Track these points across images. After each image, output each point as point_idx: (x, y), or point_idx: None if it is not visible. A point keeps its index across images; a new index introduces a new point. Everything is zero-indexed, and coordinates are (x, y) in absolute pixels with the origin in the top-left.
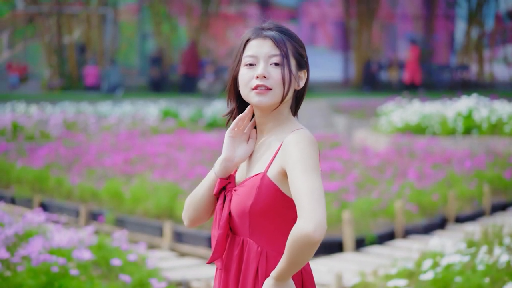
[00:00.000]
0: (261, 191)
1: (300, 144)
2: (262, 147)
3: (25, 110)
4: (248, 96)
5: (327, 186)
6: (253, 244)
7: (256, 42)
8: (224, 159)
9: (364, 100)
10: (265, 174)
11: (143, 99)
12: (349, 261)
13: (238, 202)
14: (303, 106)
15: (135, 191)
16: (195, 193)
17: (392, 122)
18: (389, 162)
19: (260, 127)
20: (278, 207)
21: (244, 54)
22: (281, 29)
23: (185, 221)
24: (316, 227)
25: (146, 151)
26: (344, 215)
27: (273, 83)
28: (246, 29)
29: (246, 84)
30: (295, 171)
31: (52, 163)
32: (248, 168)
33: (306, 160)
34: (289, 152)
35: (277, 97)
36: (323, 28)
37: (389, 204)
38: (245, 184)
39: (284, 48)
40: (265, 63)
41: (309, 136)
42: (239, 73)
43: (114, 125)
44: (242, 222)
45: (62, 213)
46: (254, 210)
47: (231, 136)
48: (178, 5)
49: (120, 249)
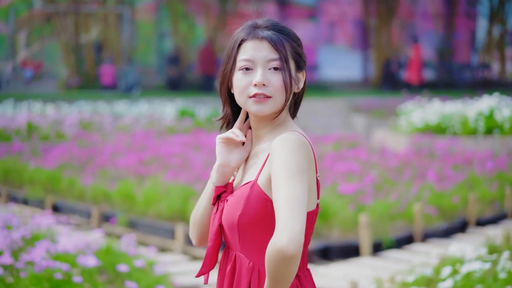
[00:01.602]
0: (250, 201)
1: (285, 147)
2: (256, 154)
3: (41, 110)
4: (246, 104)
5: (344, 188)
6: (245, 259)
7: (252, 44)
8: (219, 165)
9: (384, 99)
10: (255, 183)
11: (160, 99)
12: (366, 266)
13: (227, 213)
14: (321, 105)
15: (148, 193)
16: (197, 208)
17: (411, 122)
18: (408, 163)
19: (256, 132)
20: (268, 218)
21: (239, 57)
22: (277, 27)
23: (193, 240)
24: (290, 240)
25: (161, 152)
26: (361, 218)
27: (273, 91)
28: (238, 27)
29: (242, 91)
30: (276, 177)
31: (65, 164)
32: (241, 176)
33: (289, 164)
34: (273, 157)
35: (278, 105)
36: (342, 26)
37: (408, 207)
38: (235, 194)
39: (283, 51)
40: (263, 68)
41: (297, 138)
42: (233, 78)
43: (130, 125)
44: (232, 235)
45: (74, 215)
46: (242, 222)
47: (222, 142)
48: (196, 4)
49: (127, 255)
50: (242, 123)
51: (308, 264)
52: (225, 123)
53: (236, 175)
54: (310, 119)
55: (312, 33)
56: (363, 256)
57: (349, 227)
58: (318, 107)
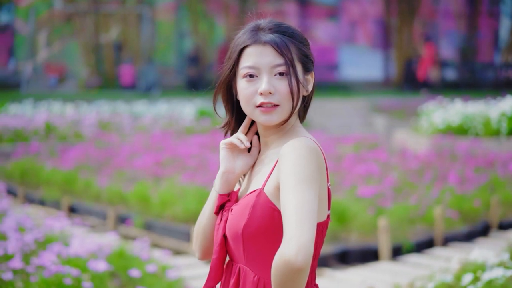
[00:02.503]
0: (256, 210)
1: (295, 153)
2: (264, 161)
3: (60, 110)
4: (253, 114)
5: (363, 191)
6: (249, 272)
7: (255, 50)
8: (224, 172)
9: (405, 99)
10: (262, 191)
11: (180, 99)
12: (385, 271)
13: (231, 223)
14: (341, 105)
15: (164, 195)
16: (200, 218)
17: (433, 122)
18: (429, 165)
19: (264, 139)
20: (275, 229)
21: (242, 64)
22: (280, 28)
23: (197, 253)
24: (298, 251)
25: (178, 152)
26: (380, 222)
27: (280, 98)
28: (240, 30)
29: (248, 100)
30: (285, 185)
31: (82, 165)
32: (248, 184)
33: (298, 171)
34: (282, 163)
35: (286, 113)
36: (363, 26)
37: (428, 210)
38: (240, 203)
39: (288, 55)
40: (268, 75)
41: (307, 144)
42: (238, 86)
43: (149, 125)
44: (236, 246)
45: (90, 216)
46: (247, 233)
47: (226, 148)
48: (216, 4)
49: (140, 259)
50: (246, 128)
51: (326, 269)
52: (229, 129)
53: (241, 184)
54: (330, 119)
55: (332, 33)
56: (382, 261)
57: (368, 230)
58: (338, 107)
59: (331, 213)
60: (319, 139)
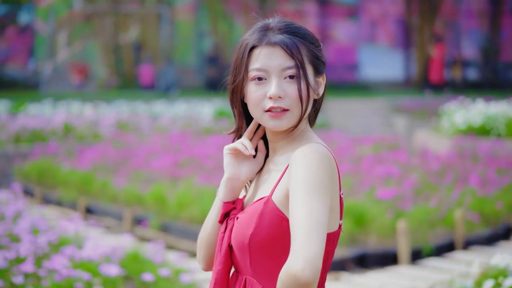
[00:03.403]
0: (264, 218)
1: (306, 160)
2: (272, 167)
3: (79, 110)
4: (261, 119)
5: (382, 193)
6: (256, 284)
7: (264, 52)
8: (228, 179)
9: (425, 99)
10: (270, 198)
11: (198, 99)
12: (404, 275)
13: (237, 232)
14: (361, 106)
15: (180, 196)
16: (204, 228)
17: (454, 123)
18: (450, 166)
19: (272, 144)
20: (283, 238)
21: (250, 65)
22: (290, 28)
23: (200, 264)
24: (306, 265)
25: (196, 153)
26: (399, 225)
27: (290, 103)
28: (248, 30)
29: (257, 104)
30: (294, 194)
31: (99, 165)
32: (255, 191)
33: (309, 180)
34: (292, 171)
35: (296, 118)
36: (384, 25)
37: (449, 213)
38: (246, 211)
39: (299, 57)
40: (278, 78)
41: (319, 150)
42: (246, 89)
43: (167, 125)
44: (242, 257)
45: (107, 217)
46: (254, 242)
47: (230, 153)
48: (235, 3)
49: (153, 263)
50: (251, 134)
51: (344, 273)
52: (236, 136)
53: (247, 191)
54: (350, 120)
55: (353, 32)
56: (401, 264)
57: (387, 233)
58: (358, 108)
59: (349, 215)
60: (338, 140)
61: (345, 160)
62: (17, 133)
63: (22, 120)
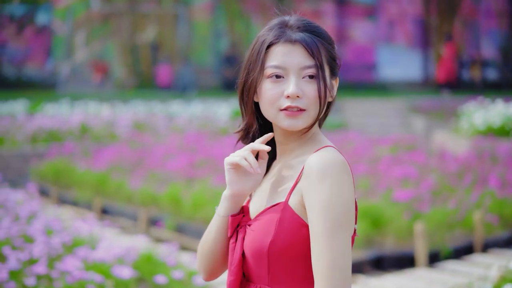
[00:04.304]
0: (283, 225)
1: (326, 178)
2: (283, 171)
3: (96, 110)
4: (276, 118)
5: (399, 194)
6: None
7: (283, 49)
8: (232, 195)
9: (444, 100)
10: (287, 204)
11: (215, 99)
12: (421, 278)
13: (253, 240)
14: (379, 106)
15: (196, 197)
16: (204, 240)
17: (473, 123)
18: (469, 168)
19: (282, 146)
20: (303, 245)
21: (268, 63)
22: (310, 27)
23: (202, 275)
24: None
25: (212, 153)
26: (417, 227)
27: (308, 103)
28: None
29: (272, 103)
30: (316, 221)
31: (115, 166)
32: (265, 196)
33: (333, 208)
34: (311, 186)
35: (312, 119)
36: (402, 25)
37: (467, 215)
38: (261, 217)
39: (319, 57)
40: (296, 77)
41: (338, 160)
42: (260, 86)
43: (184, 125)
44: (258, 265)
45: (122, 217)
46: (274, 250)
47: (232, 168)
48: (252, 3)
49: (166, 265)
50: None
51: (360, 276)
52: (244, 135)
53: (252, 196)
54: (368, 120)
55: (370, 32)
56: (419, 267)
57: (404, 236)
58: (376, 108)
59: (366, 217)
60: (355, 140)
61: (362, 161)
62: (34, 133)
63: (39, 120)
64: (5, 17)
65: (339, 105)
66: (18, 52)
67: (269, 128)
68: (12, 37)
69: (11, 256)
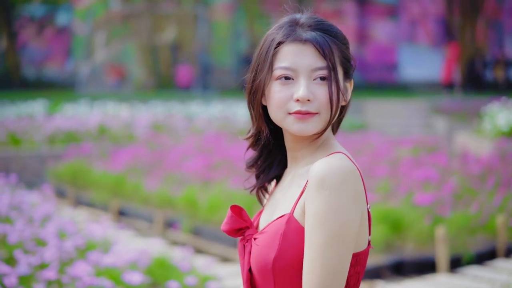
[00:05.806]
0: (287, 239)
1: (325, 187)
2: (291, 180)
3: (115, 111)
4: (284, 122)
5: (420, 198)
6: None
7: (293, 49)
8: None
9: (467, 100)
10: (292, 216)
11: (234, 100)
12: (442, 284)
13: (258, 254)
14: (400, 106)
15: (212, 199)
16: None
17: (496, 125)
18: (492, 170)
19: (292, 153)
20: None
21: (277, 63)
22: (322, 26)
23: None
24: None
25: (229, 155)
26: (438, 231)
27: (319, 106)
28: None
29: (281, 106)
30: (310, 233)
31: (132, 167)
32: (274, 208)
33: (330, 220)
34: (309, 195)
35: (324, 123)
36: (424, 25)
37: (490, 219)
38: (266, 231)
39: (331, 57)
40: (307, 79)
41: (342, 168)
42: (269, 88)
43: (203, 126)
44: (265, 280)
45: (138, 219)
46: (279, 266)
47: None
48: (272, 3)
49: (179, 270)
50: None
51: (379, 281)
52: (254, 141)
53: (265, 209)
54: (389, 121)
55: (392, 32)
56: (440, 273)
57: (424, 240)
58: (397, 108)
59: (385, 221)
60: (375, 141)
61: (382, 163)
62: (52, 134)
63: (58, 121)
64: (26, 17)
65: (360, 105)
66: (38, 52)
67: (281, 133)
68: (32, 38)
69: (22, 260)
